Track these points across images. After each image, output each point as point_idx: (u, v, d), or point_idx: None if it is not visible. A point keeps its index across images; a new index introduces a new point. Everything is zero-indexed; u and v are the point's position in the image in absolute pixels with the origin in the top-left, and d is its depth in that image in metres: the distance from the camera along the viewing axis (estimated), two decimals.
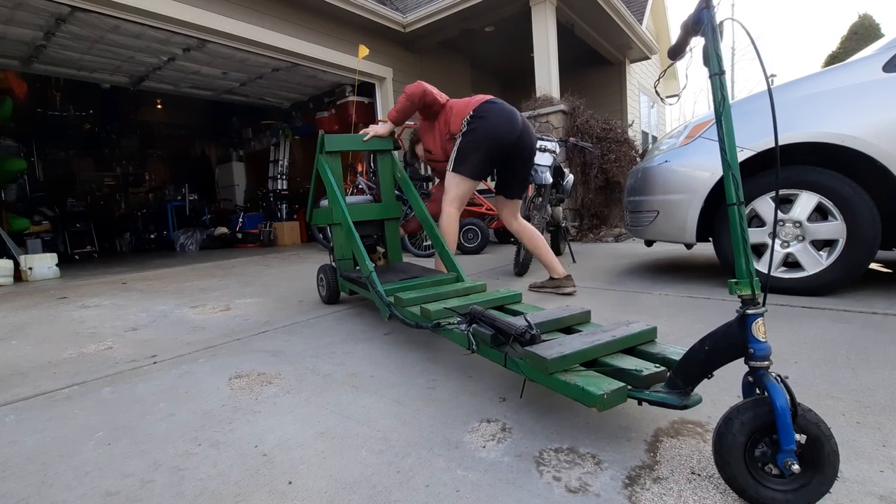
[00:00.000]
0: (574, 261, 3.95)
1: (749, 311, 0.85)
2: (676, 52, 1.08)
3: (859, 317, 1.89)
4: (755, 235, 2.37)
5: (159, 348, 1.97)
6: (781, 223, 2.27)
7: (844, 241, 2.14)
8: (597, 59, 8.90)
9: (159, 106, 9.87)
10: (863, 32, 9.27)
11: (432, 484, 0.95)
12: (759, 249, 2.38)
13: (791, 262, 2.28)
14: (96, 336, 2.22)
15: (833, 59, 9.21)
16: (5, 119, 5.94)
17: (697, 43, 1.03)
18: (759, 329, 0.84)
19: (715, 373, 0.94)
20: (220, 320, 2.42)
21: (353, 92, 6.66)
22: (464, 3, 6.25)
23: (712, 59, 0.90)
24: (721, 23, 0.91)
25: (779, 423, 0.79)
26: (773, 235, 0.92)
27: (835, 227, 2.16)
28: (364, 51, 4.58)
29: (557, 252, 4.47)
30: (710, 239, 2.62)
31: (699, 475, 0.93)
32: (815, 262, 2.21)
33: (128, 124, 10.04)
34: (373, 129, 2.49)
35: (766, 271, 2.32)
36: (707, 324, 1.91)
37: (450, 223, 2.43)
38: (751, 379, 0.87)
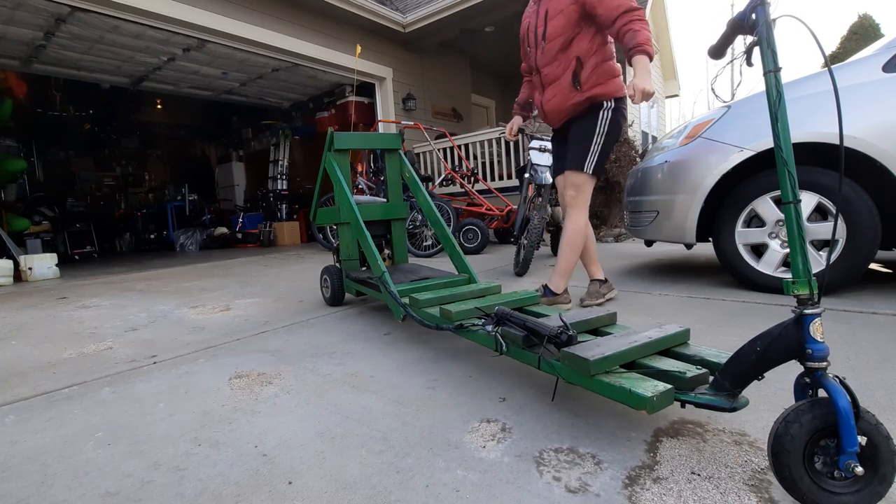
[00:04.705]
0: None
1: (807, 311, 0.84)
2: (719, 51, 1.07)
3: (859, 317, 1.89)
4: (755, 236, 2.37)
5: (159, 348, 1.97)
6: (780, 223, 2.27)
7: (844, 242, 2.14)
8: None
9: (159, 106, 9.87)
10: (863, 32, 9.28)
11: (432, 484, 0.95)
12: (758, 249, 2.39)
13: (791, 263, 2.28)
14: (96, 336, 2.21)
15: (833, 59, 9.22)
16: (5, 119, 5.94)
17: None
18: (816, 329, 0.83)
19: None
20: (220, 320, 2.42)
21: (353, 92, 6.67)
22: (464, 3, 6.24)
23: (767, 57, 0.88)
24: (775, 20, 0.90)
25: (841, 425, 0.77)
26: (834, 229, 0.91)
27: None
28: (357, 49, 4.58)
29: (557, 252, 4.47)
30: (710, 239, 2.62)
31: (699, 475, 0.93)
32: (814, 263, 2.21)
33: (128, 124, 10.04)
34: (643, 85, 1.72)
35: (765, 271, 2.34)
36: (708, 324, 1.91)
37: (585, 231, 2.20)
38: (807, 380, 0.86)
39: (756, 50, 0.92)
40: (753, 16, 0.91)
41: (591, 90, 2.00)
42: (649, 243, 3.28)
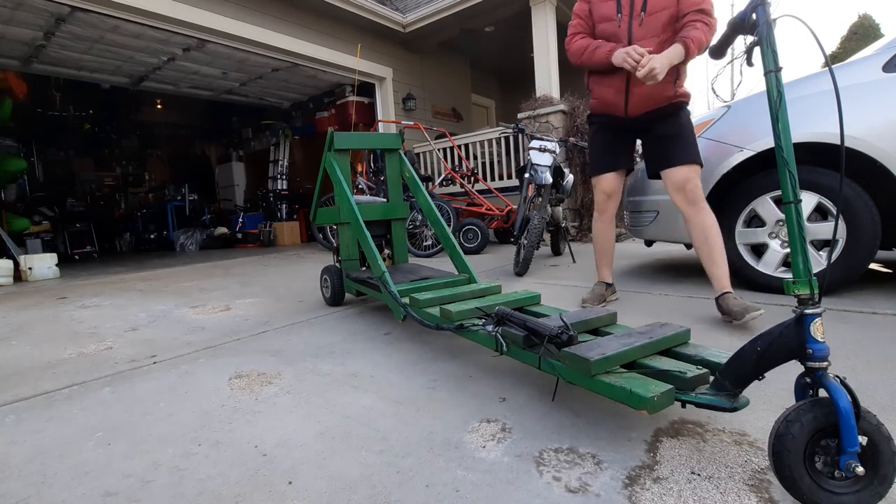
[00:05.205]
0: (574, 261, 3.95)
1: (807, 311, 0.84)
2: (720, 51, 1.07)
3: (859, 317, 1.89)
4: (755, 235, 2.37)
5: (159, 348, 1.97)
6: (781, 223, 2.27)
7: (844, 242, 2.14)
8: None
9: (159, 106, 9.87)
10: (863, 32, 9.30)
11: (432, 484, 0.95)
12: (758, 249, 2.39)
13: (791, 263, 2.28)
14: (96, 336, 2.21)
15: (833, 59, 9.23)
16: (5, 119, 5.94)
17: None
18: (817, 329, 0.83)
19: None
20: (220, 320, 2.42)
21: (353, 92, 6.66)
22: (464, 3, 6.24)
23: (767, 56, 0.89)
24: (775, 20, 0.91)
25: (842, 425, 0.77)
26: (835, 229, 0.91)
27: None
28: (358, 49, 4.58)
29: (557, 252, 4.48)
30: None
31: (699, 475, 0.93)
32: (814, 263, 2.21)
33: (128, 124, 10.04)
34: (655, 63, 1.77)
35: (765, 271, 2.34)
36: (708, 324, 1.92)
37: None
38: (807, 380, 0.86)
39: (756, 50, 0.92)
40: (754, 16, 0.91)
41: (681, 88, 2.04)
42: (649, 243, 3.28)
